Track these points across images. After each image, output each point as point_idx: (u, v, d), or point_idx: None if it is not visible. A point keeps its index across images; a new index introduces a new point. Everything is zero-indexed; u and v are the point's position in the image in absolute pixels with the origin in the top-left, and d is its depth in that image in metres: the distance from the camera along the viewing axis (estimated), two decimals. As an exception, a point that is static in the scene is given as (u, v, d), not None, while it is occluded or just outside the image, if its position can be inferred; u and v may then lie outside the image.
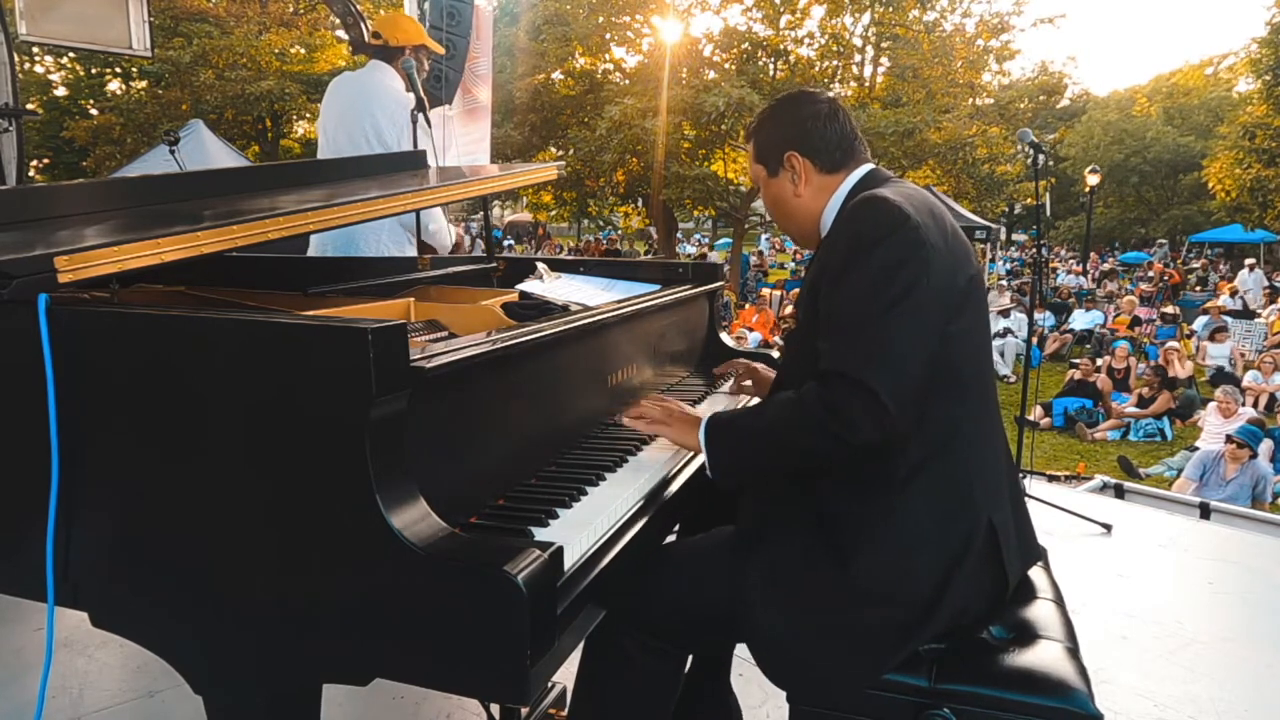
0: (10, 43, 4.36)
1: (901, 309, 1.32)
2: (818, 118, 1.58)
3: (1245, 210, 23.67)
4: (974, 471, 1.43)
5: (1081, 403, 9.78)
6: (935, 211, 1.46)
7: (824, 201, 1.58)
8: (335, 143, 3.41)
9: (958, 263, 1.43)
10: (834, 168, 1.58)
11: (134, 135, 19.48)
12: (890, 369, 1.30)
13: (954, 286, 1.41)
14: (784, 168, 1.59)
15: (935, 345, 1.35)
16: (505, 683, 1.03)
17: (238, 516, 1.12)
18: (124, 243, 1.22)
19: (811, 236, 1.62)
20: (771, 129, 1.63)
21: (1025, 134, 4.31)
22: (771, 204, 1.67)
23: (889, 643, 1.35)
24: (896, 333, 1.32)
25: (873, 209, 1.40)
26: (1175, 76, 37.26)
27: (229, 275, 2.08)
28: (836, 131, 1.58)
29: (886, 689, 1.35)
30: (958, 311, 1.41)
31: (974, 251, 1.56)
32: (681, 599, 1.48)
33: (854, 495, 1.40)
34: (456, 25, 5.07)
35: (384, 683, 1.09)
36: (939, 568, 1.37)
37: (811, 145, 1.57)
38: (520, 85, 18.83)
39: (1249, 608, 3.31)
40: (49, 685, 1.89)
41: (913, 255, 1.35)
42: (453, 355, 1.25)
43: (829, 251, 1.46)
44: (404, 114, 3.31)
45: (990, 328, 1.54)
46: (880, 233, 1.36)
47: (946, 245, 1.41)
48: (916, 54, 18.04)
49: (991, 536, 1.41)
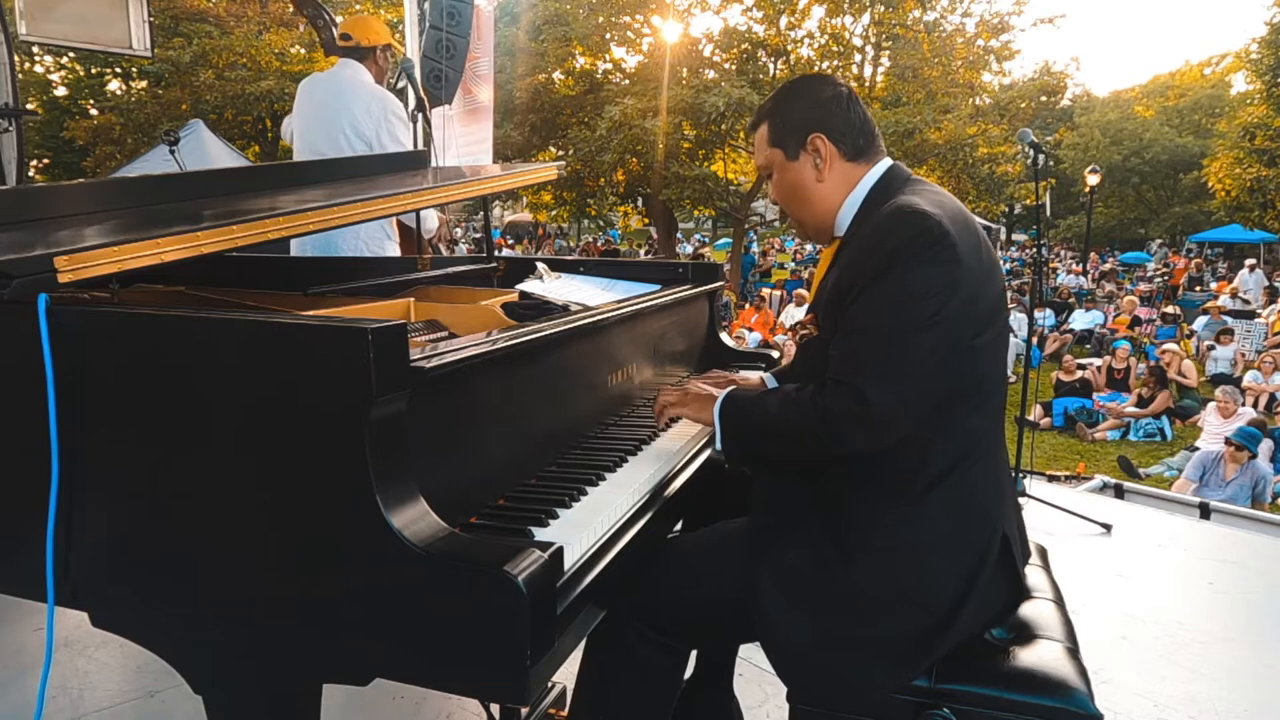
0: (10, 43, 4.36)
1: (921, 332, 1.30)
2: (840, 100, 1.52)
3: (1245, 210, 23.67)
4: (990, 483, 1.43)
5: (1081, 403, 9.79)
6: (969, 223, 1.41)
7: (844, 194, 1.52)
8: (312, 144, 3.45)
9: (988, 278, 1.40)
10: (857, 155, 1.51)
11: (134, 135, 19.49)
12: (895, 388, 1.29)
13: (983, 302, 1.38)
14: (806, 151, 1.51)
15: (956, 362, 1.34)
16: (505, 683, 1.03)
17: (238, 516, 1.12)
18: (124, 243, 1.22)
19: (825, 230, 1.56)
20: (793, 109, 1.54)
21: (1025, 134, 4.31)
22: (787, 191, 1.57)
23: (912, 652, 1.34)
24: (913, 354, 1.30)
25: (910, 223, 1.34)
26: (1175, 77, 37.29)
27: (229, 275, 2.08)
28: (858, 116, 1.52)
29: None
30: (986, 325, 1.39)
31: (999, 263, 1.52)
32: (689, 593, 1.48)
33: (873, 501, 1.39)
34: (456, 25, 5.07)
35: (384, 683, 1.09)
36: (959, 577, 1.36)
37: (836, 128, 1.50)
38: (520, 85, 18.83)
39: (1249, 608, 3.31)
40: (49, 685, 1.89)
41: (945, 277, 1.31)
42: (453, 355, 1.25)
43: (860, 259, 1.39)
44: (379, 106, 3.36)
45: (1007, 334, 1.53)
46: (915, 250, 1.32)
47: (979, 262, 1.38)
48: (916, 54, 18.03)
49: (1006, 548, 1.41)
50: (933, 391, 1.33)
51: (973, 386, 1.39)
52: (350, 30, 3.52)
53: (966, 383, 1.37)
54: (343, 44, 3.52)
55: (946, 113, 17.35)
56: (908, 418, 1.31)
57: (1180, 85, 36.04)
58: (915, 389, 1.31)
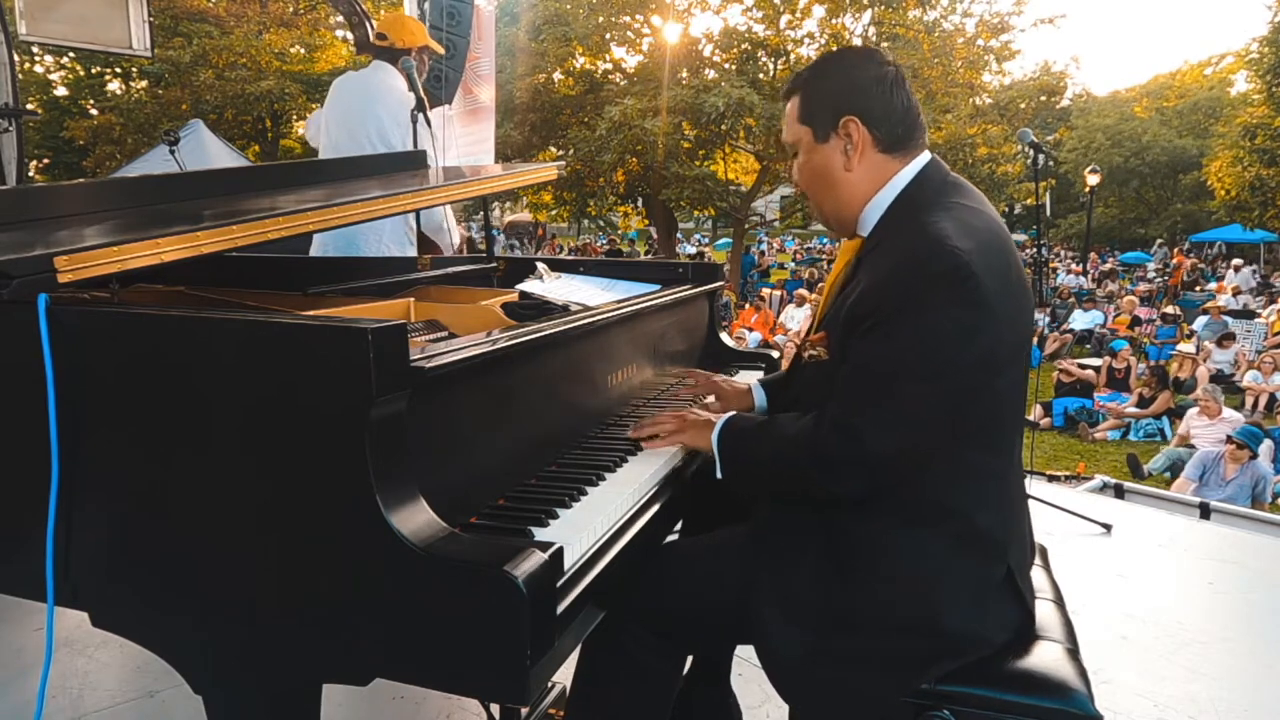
0: (10, 43, 4.37)
1: (936, 378, 1.25)
2: (883, 82, 1.37)
3: (1245, 210, 23.66)
4: (999, 520, 1.37)
5: (1081, 403, 9.80)
6: (1003, 251, 1.31)
7: (873, 189, 1.39)
8: (336, 142, 3.42)
9: (1016, 317, 1.32)
10: (894, 146, 1.38)
11: (134, 135, 19.50)
12: (899, 433, 1.26)
13: (1008, 343, 1.30)
14: (837, 134, 1.38)
15: (971, 406, 1.28)
16: (505, 683, 1.03)
17: (238, 516, 1.12)
18: (124, 243, 1.22)
19: (847, 223, 1.45)
20: (828, 86, 1.40)
21: (1025, 134, 4.30)
22: (811, 175, 1.44)
23: (908, 672, 1.32)
24: (923, 399, 1.25)
25: (937, 257, 1.24)
26: (1175, 77, 37.28)
27: (229, 275, 2.08)
28: (902, 103, 1.38)
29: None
30: (1009, 366, 1.33)
31: (1031, 294, 1.41)
32: (687, 597, 1.47)
33: (877, 530, 1.35)
34: (456, 25, 5.07)
35: (384, 683, 1.09)
36: (961, 610, 1.33)
37: (874, 114, 1.36)
38: (520, 85, 18.83)
39: (1249, 608, 3.30)
40: (49, 685, 1.89)
41: (968, 321, 1.23)
42: (453, 355, 1.25)
43: (879, 288, 1.29)
44: (406, 113, 3.33)
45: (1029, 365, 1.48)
46: (939, 291, 1.23)
47: (1008, 300, 1.28)
48: (916, 54, 18.01)
49: (1011, 580, 1.37)
50: (936, 437, 1.28)
51: (991, 427, 1.34)
52: (387, 30, 3.45)
53: (983, 423, 1.32)
54: (378, 43, 3.45)
55: (946, 113, 17.36)
56: (905, 462, 1.28)
57: (1180, 85, 36.03)
58: (915, 437, 1.27)
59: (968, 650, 1.33)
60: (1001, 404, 1.35)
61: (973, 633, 1.33)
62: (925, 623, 1.32)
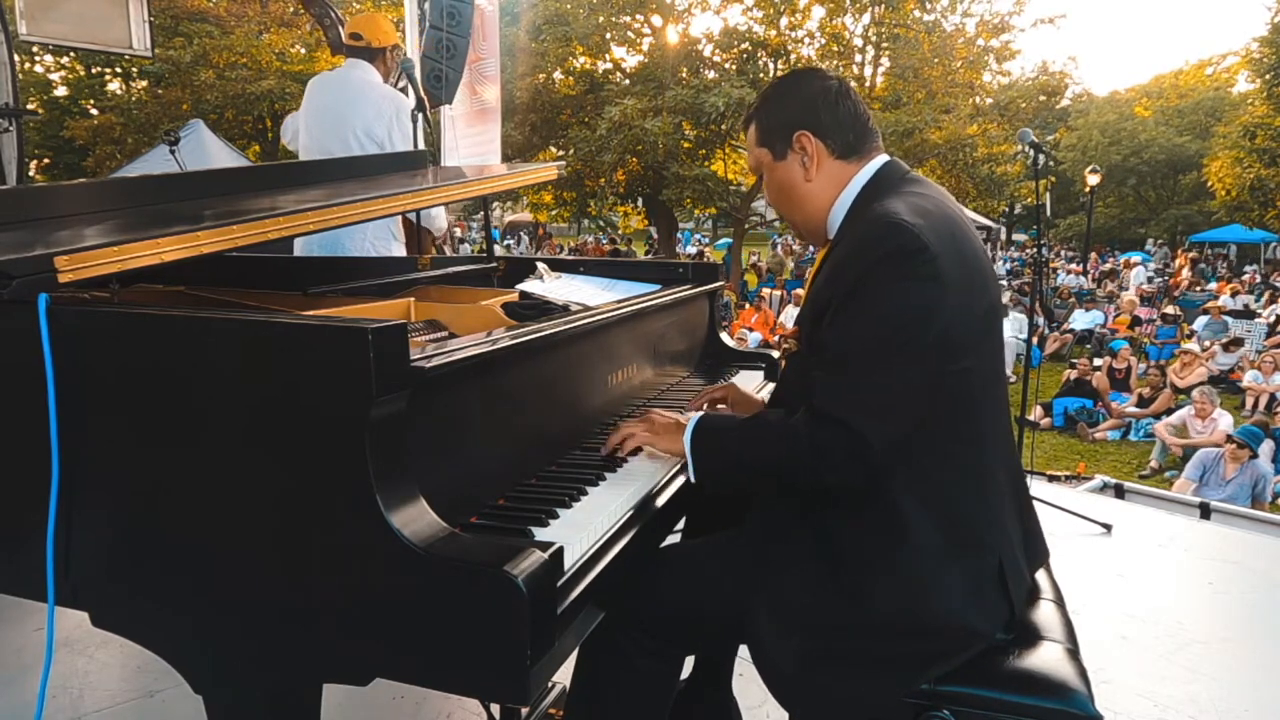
0: (10, 43, 4.36)
1: (905, 355, 1.26)
2: (828, 94, 1.46)
3: (1245, 210, 23.66)
4: (981, 512, 1.38)
5: (1082, 403, 9.79)
6: (956, 231, 1.35)
7: (835, 193, 1.46)
8: (322, 144, 3.42)
9: (975, 294, 1.34)
10: (848, 152, 1.46)
11: (134, 135, 19.49)
12: (885, 417, 1.27)
13: (970, 321, 1.32)
14: (793, 150, 1.46)
15: (942, 385, 1.30)
16: (505, 683, 1.03)
17: (238, 516, 1.12)
18: (124, 243, 1.22)
19: (819, 231, 1.51)
20: (777, 108, 1.49)
21: (1025, 134, 4.30)
22: (777, 193, 1.53)
23: (905, 673, 1.32)
24: (897, 379, 1.27)
25: (886, 235, 1.29)
26: (1175, 77, 37.28)
27: (229, 275, 2.07)
28: (849, 111, 1.46)
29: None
30: (974, 346, 1.34)
31: (994, 274, 1.44)
32: (685, 601, 1.47)
33: (860, 532, 1.35)
34: (457, 25, 5.06)
35: (384, 683, 1.09)
36: (953, 606, 1.32)
37: (823, 125, 1.44)
38: (520, 85, 18.83)
39: (1249, 608, 3.30)
40: (49, 685, 1.89)
41: (924, 296, 1.26)
42: (453, 355, 1.25)
43: (835, 274, 1.35)
44: (390, 107, 3.34)
45: (1004, 346, 1.49)
46: (891, 267, 1.27)
47: (965, 275, 1.32)
48: (916, 54, 18.03)
49: (999, 574, 1.37)
50: (914, 412, 1.29)
51: (961, 415, 1.35)
52: (361, 29, 3.47)
53: (954, 410, 1.33)
54: (352, 43, 3.48)
55: (946, 113, 17.37)
56: (888, 440, 1.28)
57: (1180, 86, 36.03)
58: (893, 414, 1.28)
59: (965, 646, 1.33)
60: (971, 386, 1.35)
61: (968, 627, 1.33)
62: (919, 621, 1.32)
